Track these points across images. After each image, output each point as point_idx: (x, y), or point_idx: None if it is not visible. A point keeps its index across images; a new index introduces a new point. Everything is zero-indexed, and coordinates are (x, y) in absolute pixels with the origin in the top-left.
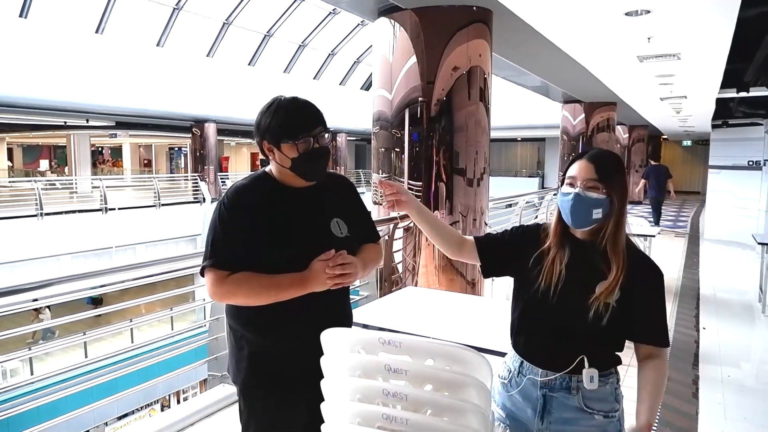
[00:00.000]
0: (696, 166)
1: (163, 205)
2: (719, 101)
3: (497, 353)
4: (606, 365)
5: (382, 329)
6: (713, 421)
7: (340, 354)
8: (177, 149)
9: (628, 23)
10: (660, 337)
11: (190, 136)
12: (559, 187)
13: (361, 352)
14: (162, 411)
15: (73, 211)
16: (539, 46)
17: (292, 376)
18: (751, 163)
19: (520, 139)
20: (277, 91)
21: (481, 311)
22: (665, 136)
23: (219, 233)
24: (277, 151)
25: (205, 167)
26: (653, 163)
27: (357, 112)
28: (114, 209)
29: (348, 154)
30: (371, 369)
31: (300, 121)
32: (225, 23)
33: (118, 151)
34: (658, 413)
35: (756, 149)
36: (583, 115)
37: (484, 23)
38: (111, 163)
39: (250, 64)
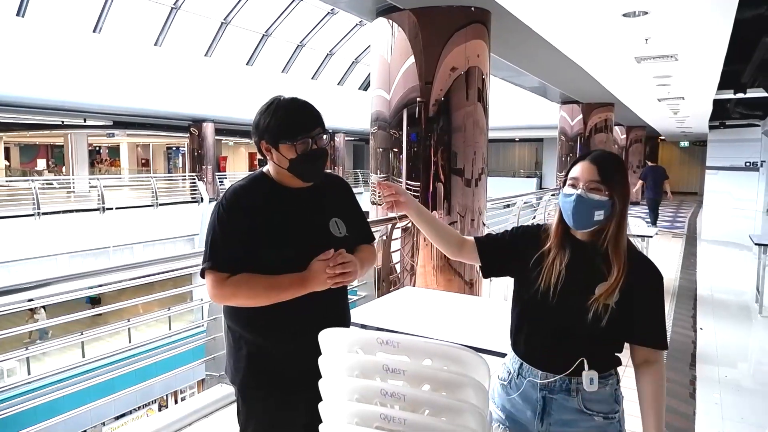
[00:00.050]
0: (693, 167)
1: (160, 204)
2: (716, 102)
3: (495, 353)
4: (605, 366)
5: (380, 329)
6: (710, 422)
7: (338, 354)
8: (175, 149)
9: (626, 24)
10: (658, 339)
11: (188, 135)
12: (560, 188)
13: (359, 352)
14: (160, 411)
15: (70, 211)
16: (537, 47)
17: (291, 377)
18: (748, 164)
19: (518, 139)
20: (275, 91)
21: (479, 311)
22: (663, 137)
23: (218, 235)
24: (275, 151)
25: (203, 167)
26: (650, 164)
27: (355, 113)
28: (111, 209)
29: (346, 155)
30: (369, 369)
31: (298, 121)
32: (223, 23)
33: (115, 151)
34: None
35: (753, 150)
36: (580, 116)
37: (483, 24)
38: (108, 162)
39: (248, 63)
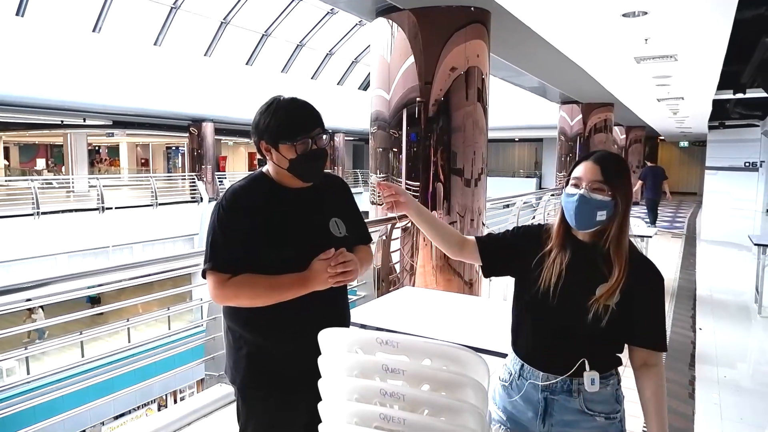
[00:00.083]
0: (693, 167)
1: (160, 204)
2: (716, 102)
3: (494, 353)
4: (606, 367)
5: (380, 329)
6: (709, 422)
7: (338, 354)
8: (174, 148)
9: (626, 24)
10: (657, 341)
11: (187, 135)
12: (563, 188)
13: (359, 352)
14: (159, 411)
15: (69, 211)
16: (537, 47)
17: (292, 377)
18: (747, 164)
19: (517, 139)
20: (274, 91)
21: (479, 311)
22: (662, 137)
23: (218, 235)
24: (275, 151)
25: (203, 167)
26: (649, 164)
27: (355, 112)
28: (111, 208)
29: (346, 154)
30: (369, 369)
31: (298, 122)
32: (223, 23)
33: (115, 151)
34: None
35: (752, 150)
36: (580, 116)
37: (482, 24)
38: (108, 162)
39: (247, 63)
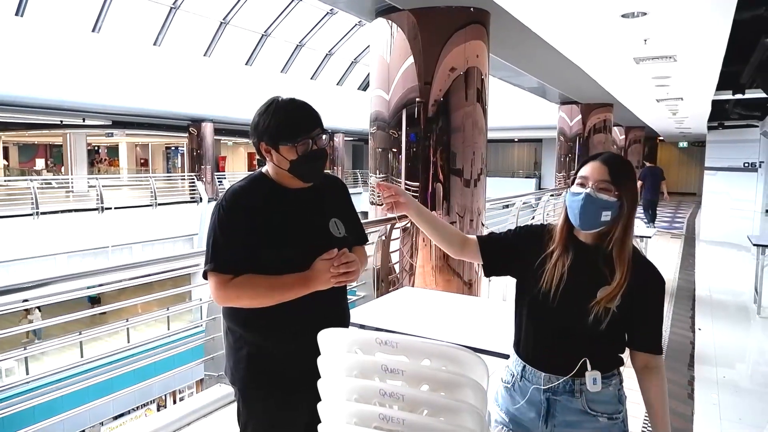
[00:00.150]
0: (692, 167)
1: (159, 204)
2: (715, 103)
3: (494, 353)
4: (608, 367)
5: (379, 329)
6: (708, 422)
7: (337, 354)
8: (174, 149)
9: (625, 25)
10: (655, 345)
11: (187, 135)
12: (568, 188)
13: (358, 352)
14: (158, 411)
15: (69, 211)
16: (536, 48)
17: (292, 377)
18: (746, 164)
19: (517, 140)
20: (274, 91)
21: (478, 312)
22: (661, 138)
23: (219, 236)
24: (275, 152)
25: (202, 167)
26: (648, 164)
27: (354, 113)
28: (110, 209)
29: (345, 155)
30: (368, 369)
31: (298, 123)
32: (222, 23)
33: (114, 151)
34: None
35: (752, 151)
36: (579, 117)
37: (482, 24)
38: (107, 162)
39: (247, 63)
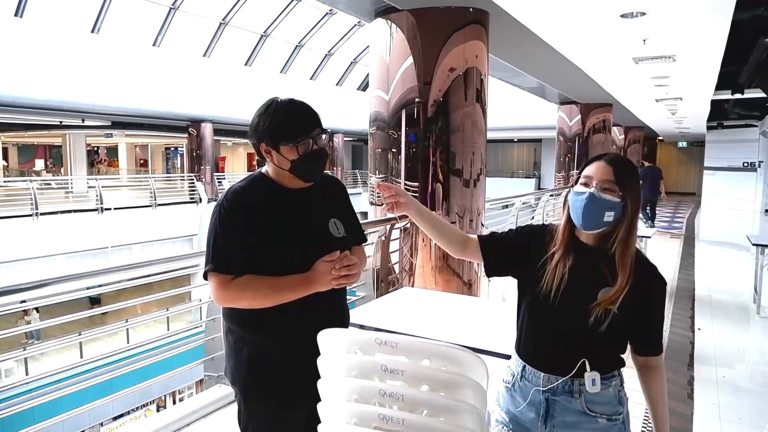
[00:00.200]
0: (691, 167)
1: (159, 205)
2: (714, 103)
3: (493, 354)
4: (608, 368)
5: (379, 330)
6: (708, 422)
7: (337, 354)
8: (173, 149)
9: (624, 25)
10: (656, 348)
11: (186, 136)
12: (571, 187)
13: (358, 352)
14: (158, 411)
15: (68, 211)
16: (535, 48)
17: (292, 377)
18: (746, 164)
19: (516, 140)
20: (273, 92)
21: (478, 312)
22: (661, 138)
23: (220, 236)
24: (275, 153)
25: (202, 167)
26: (647, 164)
27: (354, 113)
28: (110, 209)
29: (345, 155)
30: (368, 369)
31: (299, 123)
32: (221, 23)
33: (114, 151)
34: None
35: (751, 151)
36: (579, 117)
37: (481, 24)
38: (107, 162)
39: (246, 64)
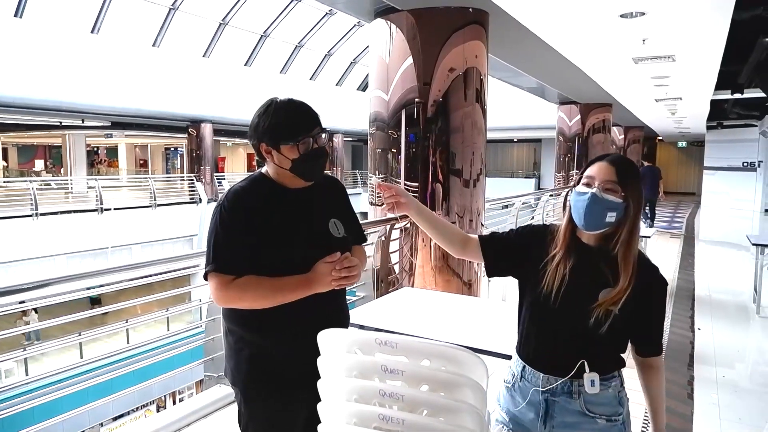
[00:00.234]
0: (691, 167)
1: (159, 205)
2: (714, 103)
3: (493, 354)
4: (607, 369)
5: (379, 330)
6: (708, 422)
7: (337, 354)
8: (173, 149)
9: (623, 25)
10: (656, 348)
11: (186, 136)
12: (573, 188)
13: (358, 352)
14: (158, 412)
15: (68, 212)
16: (535, 48)
17: (293, 377)
18: (745, 164)
19: (516, 140)
20: (273, 92)
21: (478, 312)
22: (660, 138)
23: (221, 237)
24: (276, 152)
25: (202, 168)
26: (646, 164)
27: (353, 113)
28: (110, 210)
29: (344, 155)
30: (368, 369)
31: (299, 122)
32: (221, 23)
33: (113, 152)
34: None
35: (750, 150)
36: (578, 117)
37: (480, 25)
38: (107, 163)
39: (246, 64)
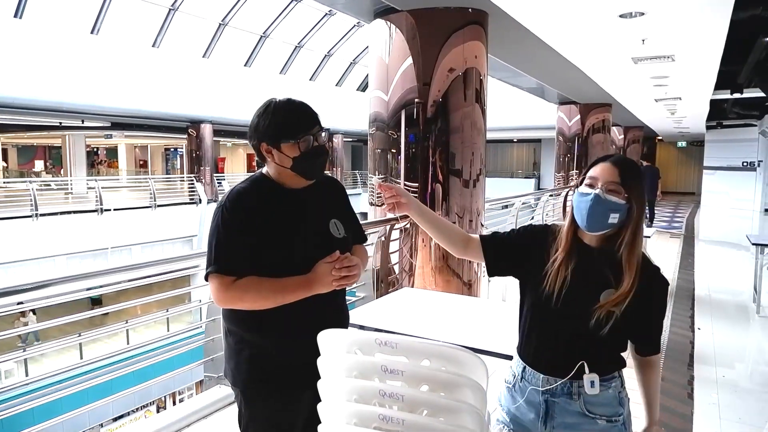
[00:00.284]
0: (691, 167)
1: (159, 206)
2: (713, 102)
3: (493, 354)
4: (607, 369)
5: (379, 330)
6: (708, 422)
7: (337, 355)
8: (173, 150)
9: (623, 25)
10: (656, 348)
11: (186, 137)
12: (575, 188)
13: (358, 352)
14: (158, 412)
15: (68, 212)
16: (534, 48)
17: (293, 378)
18: (745, 164)
19: (516, 140)
20: (273, 93)
21: (477, 312)
22: (660, 138)
23: (222, 238)
24: (276, 152)
25: (201, 168)
26: (645, 164)
27: (353, 114)
28: (110, 210)
29: (344, 156)
30: (368, 370)
31: (299, 120)
32: (221, 24)
33: (113, 152)
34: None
35: (750, 150)
36: (578, 117)
37: (480, 25)
38: (107, 163)
39: (246, 65)
